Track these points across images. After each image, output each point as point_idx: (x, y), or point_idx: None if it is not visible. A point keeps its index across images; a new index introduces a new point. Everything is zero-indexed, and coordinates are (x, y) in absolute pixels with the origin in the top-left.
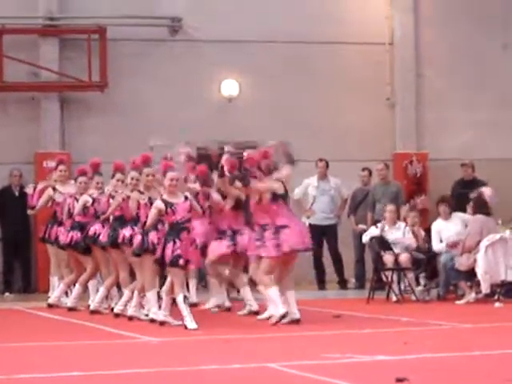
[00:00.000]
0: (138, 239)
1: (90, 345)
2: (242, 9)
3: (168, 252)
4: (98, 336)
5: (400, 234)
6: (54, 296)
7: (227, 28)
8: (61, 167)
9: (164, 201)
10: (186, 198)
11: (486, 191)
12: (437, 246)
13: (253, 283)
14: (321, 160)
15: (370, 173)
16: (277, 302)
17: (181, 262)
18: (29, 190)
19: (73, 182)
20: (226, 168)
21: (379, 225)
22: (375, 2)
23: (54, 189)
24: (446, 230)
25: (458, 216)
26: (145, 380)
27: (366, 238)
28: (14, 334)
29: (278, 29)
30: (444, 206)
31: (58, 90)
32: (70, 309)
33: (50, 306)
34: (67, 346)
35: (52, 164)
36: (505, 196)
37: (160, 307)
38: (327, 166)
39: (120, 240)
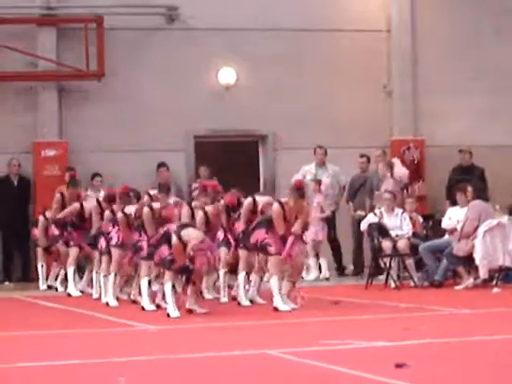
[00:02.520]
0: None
1: (88, 333)
2: None
3: (160, 254)
4: (97, 324)
5: (398, 221)
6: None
7: (224, 16)
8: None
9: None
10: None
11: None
12: (445, 223)
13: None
14: (320, 147)
15: (369, 159)
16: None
17: (174, 266)
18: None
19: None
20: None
21: (377, 212)
22: None
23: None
24: (460, 216)
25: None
26: (143, 368)
27: (364, 225)
28: (13, 322)
29: (275, 17)
30: (460, 195)
31: (56, 79)
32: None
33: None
34: (66, 335)
35: (50, 153)
36: (502, 182)
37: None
38: (325, 153)
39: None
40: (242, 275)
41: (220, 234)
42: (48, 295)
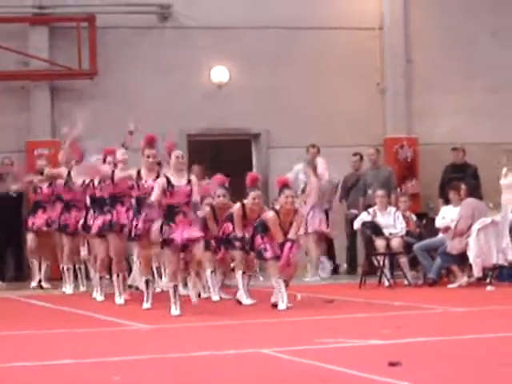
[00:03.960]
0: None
1: (82, 332)
2: None
3: (164, 235)
4: (90, 323)
5: (391, 220)
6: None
7: (217, 14)
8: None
9: (167, 179)
10: (189, 181)
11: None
12: (438, 222)
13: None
14: (313, 146)
15: (362, 157)
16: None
17: (175, 242)
18: None
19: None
20: None
21: (370, 210)
22: None
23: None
24: (453, 214)
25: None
26: (138, 367)
27: (357, 224)
28: (6, 322)
29: (268, 15)
30: (453, 193)
31: (48, 78)
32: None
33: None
34: (59, 334)
35: (43, 152)
36: (495, 180)
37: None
38: (318, 151)
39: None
40: (239, 274)
41: None
42: (41, 294)
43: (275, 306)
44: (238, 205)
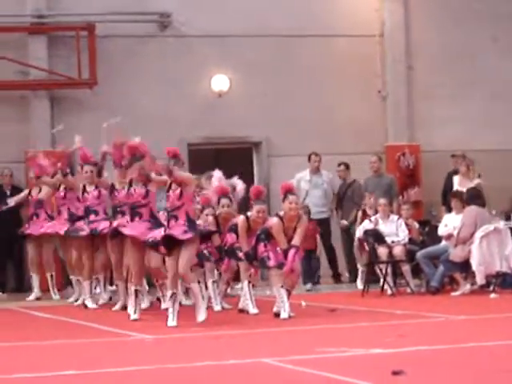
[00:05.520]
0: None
1: (84, 343)
2: (231, 3)
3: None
4: (92, 334)
5: (394, 227)
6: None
7: (217, 23)
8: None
9: None
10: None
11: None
12: (441, 230)
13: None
14: (315, 154)
15: (347, 167)
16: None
17: (161, 249)
18: None
19: None
20: None
21: (372, 218)
22: None
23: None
24: (456, 222)
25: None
26: (140, 377)
27: (360, 232)
28: (7, 333)
29: (268, 23)
30: (456, 201)
31: (48, 88)
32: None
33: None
34: (62, 345)
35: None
36: (497, 187)
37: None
38: (320, 160)
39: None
40: (245, 284)
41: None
42: (42, 306)
43: (277, 315)
44: (241, 217)
